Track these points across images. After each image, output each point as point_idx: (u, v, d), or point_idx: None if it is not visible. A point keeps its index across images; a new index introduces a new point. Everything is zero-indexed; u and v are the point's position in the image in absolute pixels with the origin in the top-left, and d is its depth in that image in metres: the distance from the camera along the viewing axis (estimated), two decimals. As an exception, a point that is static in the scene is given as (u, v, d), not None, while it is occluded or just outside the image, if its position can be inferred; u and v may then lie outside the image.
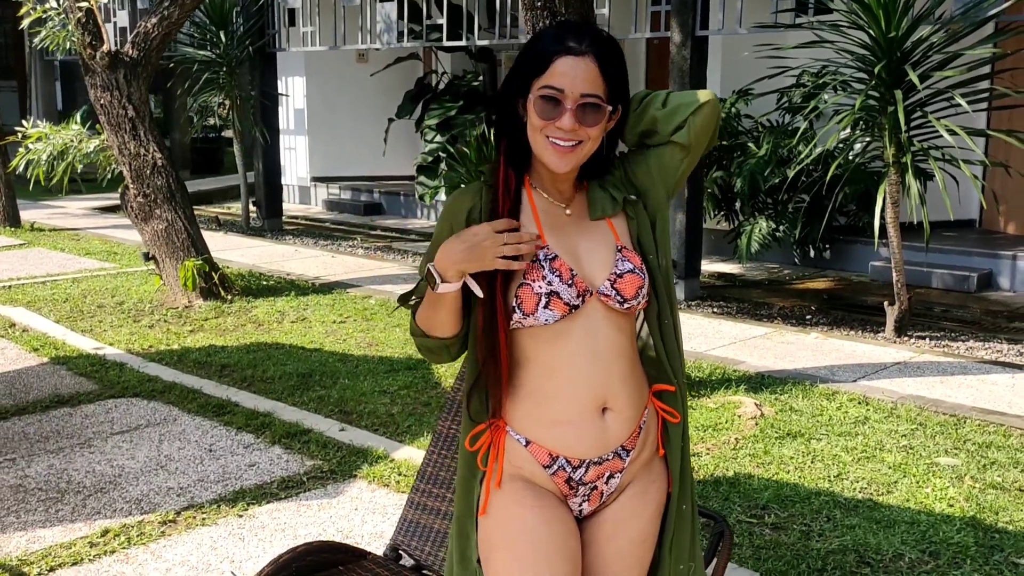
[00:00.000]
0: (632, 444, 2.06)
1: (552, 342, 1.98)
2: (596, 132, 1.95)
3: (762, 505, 3.97)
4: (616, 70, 1.96)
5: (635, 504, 2.08)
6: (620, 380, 2.01)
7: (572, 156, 1.96)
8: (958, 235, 9.39)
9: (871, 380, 5.60)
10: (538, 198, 2.05)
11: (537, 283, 1.94)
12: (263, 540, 3.74)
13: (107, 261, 9.54)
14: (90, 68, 7.60)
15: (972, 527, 3.79)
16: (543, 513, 2.00)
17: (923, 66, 6.49)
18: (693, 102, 2.05)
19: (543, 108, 1.93)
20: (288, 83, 13.82)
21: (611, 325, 2.01)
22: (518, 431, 2.03)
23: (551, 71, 1.92)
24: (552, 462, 2.01)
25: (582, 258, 2.01)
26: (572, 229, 2.04)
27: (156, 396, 5.39)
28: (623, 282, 1.98)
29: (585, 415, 1.99)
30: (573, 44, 1.92)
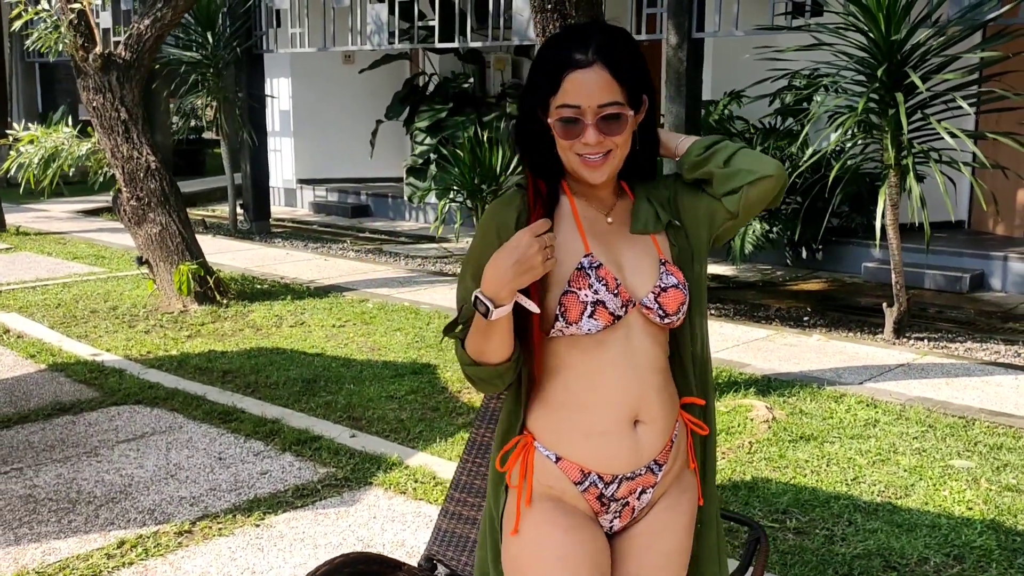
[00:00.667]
0: (664, 458, 2.03)
1: (589, 351, 1.94)
2: (623, 138, 1.91)
3: (782, 509, 3.96)
4: (630, 69, 1.89)
5: (668, 517, 2.05)
6: (654, 392, 1.98)
7: (606, 166, 1.93)
8: (948, 236, 9.45)
9: (877, 382, 5.61)
10: (580, 204, 2.01)
11: (583, 291, 1.90)
12: (282, 550, 3.69)
13: (96, 265, 9.43)
14: (82, 70, 7.51)
15: (993, 530, 3.79)
16: (575, 534, 1.96)
17: (922, 69, 6.51)
18: (755, 172, 1.98)
19: (564, 129, 1.90)
20: (274, 84, 13.72)
21: (648, 337, 1.98)
22: (547, 446, 1.98)
23: (563, 89, 1.88)
24: (583, 478, 1.97)
25: (625, 268, 1.98)
26: (614, 238, 2.00)
27: (159, 403, 5.33)
28: (666, 296, 1.95)
29: (619, 427, 1.96)
30: (579, 56, 1.86)
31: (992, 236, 9.72)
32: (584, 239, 1.96)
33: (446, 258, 10.12)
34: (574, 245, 1.95)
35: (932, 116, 6.50)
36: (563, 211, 1.99)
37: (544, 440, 1.99)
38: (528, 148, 2.00)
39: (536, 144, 1.98)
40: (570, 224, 1.98)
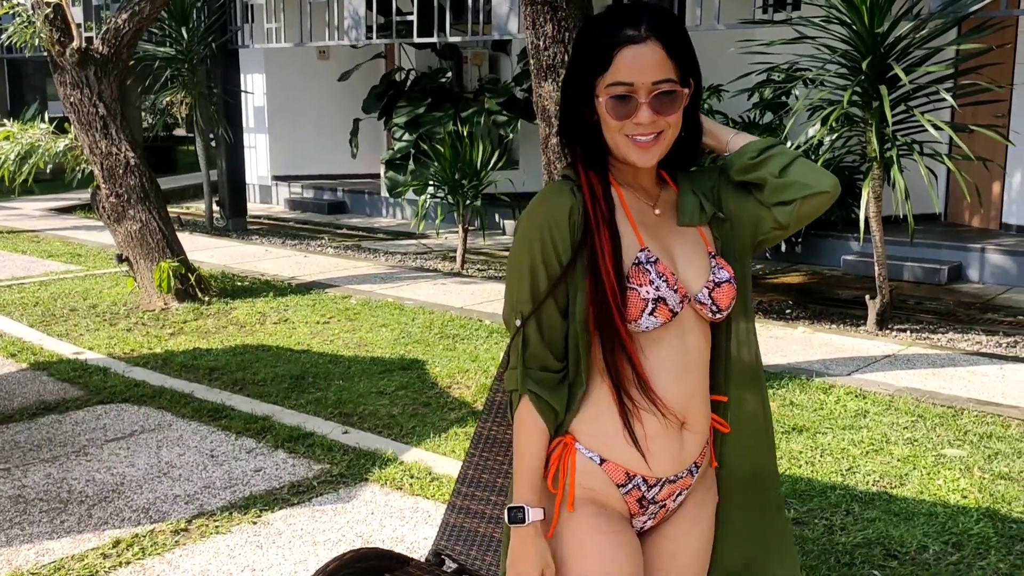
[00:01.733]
0: (701, 459, 1.99)
1: (645, 349, 1.87)
2: (676, 118, 1.83)
3: (781, 500, 3.97)
4: (683, 45, 1.82)
5: (695, 514, 2.02)
6: (702, 393, 1.93)
7: (656, 148, 1.84)
8: (925, 228, 9.53)
9: (864, 373, 5.65)
10: (628, 196, 1.93)
11: (644, 288, 1.82)
12: (281, 547, 3.66)
13: (72, 263, 9.31)
14: (59, 65, 7.41)
15: (989, 518, 3.82)
16: (617, 538, 1.91)
17: (905, 61, 6.56)
18: (811, 186, 1.91)
19: (616, 107, 1.81)
20: (248, 80, 13.61)
21: (701, 334, 1.92)
22: (591, 448, 1.90)
23: (615, 66, 1.80)
24: (628, 481, 1.91)
25: (678, 262, 1.90)
26: (664, 231, 1.93)
27: (146, 401, 5.26)
28: (720, 292, 1.89)
29: (668, 431, 1.89)
30: (631, 31, 1.79)
31: (968, 228, 9.82)
32: (637, 232, 1.88)
33: (426, 254, 10.09)
34: (628, 239, 1.87)
35: (915, 108, 6.54)
36: (616, 207, 1.90)
37: (587, 442, 1.90)
38: (576, 137, 1.92)
39: (585, 132, 1.90)
40: (623, 219, 1.89)
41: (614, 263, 1.84)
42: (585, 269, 1.86)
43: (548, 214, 1.87)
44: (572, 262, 1.86)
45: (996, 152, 9.26)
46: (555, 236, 1.85)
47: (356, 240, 11.06)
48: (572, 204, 1.87)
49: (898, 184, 6.35)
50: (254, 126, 13.91)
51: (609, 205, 1.89)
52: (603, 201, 1.89)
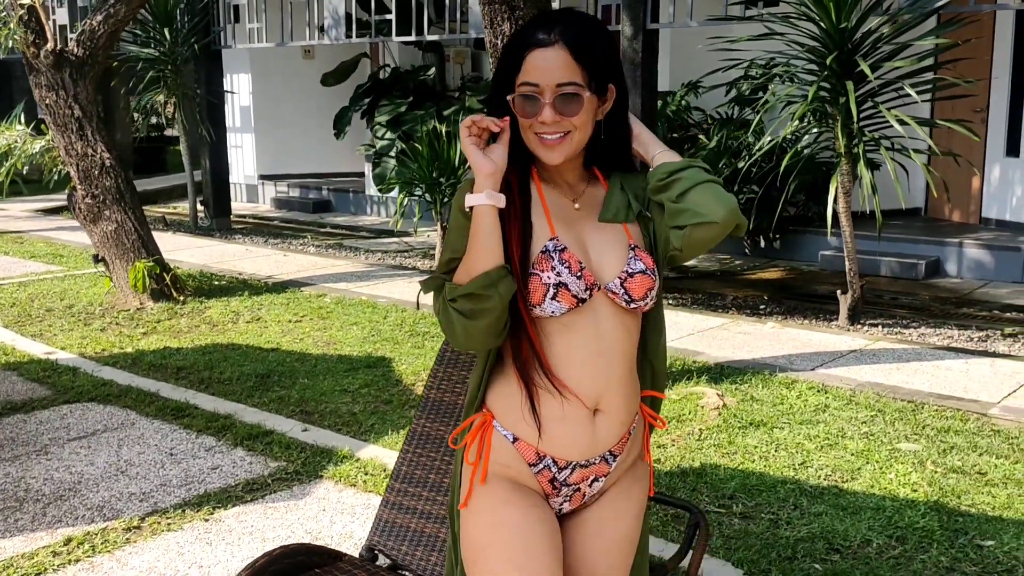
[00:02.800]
0: (620, 449, 2.05)
1: (556, 335, 1.95)
2: (581, 120, 1.91)
3: (729, 495, 4.00)
4: (594, 53, 1.90)
5: (619, 504, 2.08)
6: (617, 381, 1.99)
7: (562, 147, 1.93)
8: (904, 223, 9.56)
9: (829, 368, 5.67)
10: (547, 191, 2.02)
11: (546, 273, 1.91)
12: (231, 544, 3.68)
13: (53, 264, 9.35)
14: (34, 67, 7.44)
15: (936, 511, 3.85)
16: (531, 512, 1.97)
17: (873, 57, 6.58)
18: (701, 214, 1.94)
19: (523, 106, 1.92)
20: (233, 80, 13.64)
21: (618, 324, 1.98)
22: (506, 427, 2.00)
23: (525, 67, 1.90)
24: (538, 461, 1.99)
25: (591, 252, 1.98)
26: (583, 224, 2.01)
27: (112, 400, 5.29)
28: (633, 282, 1.96)
29: (578, 416, 1.96)
30: (542, 36, 1.89)
31: (948, 223, 9.84)
32: (550, 223, 1.96)
33: (406, 252, 10.11)
34: (541, 230, 1.96)
35: (882, 104, 6.56)
36: (532, 200, 2.00)
37: (503, 420, 2.00)
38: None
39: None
40: (538, 211, 1.98)
41: (520, 250, 1.93)
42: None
43: (459, 204, 1.97)
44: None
45: (975, 147, 9.29)
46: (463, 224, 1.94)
47: (339, 239, 11.09)
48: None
49: (864, 179, 6.37)
50: (240, 126, 13.94)
51: (524, 197, 1.99)
52: (517, 193, 1.98)
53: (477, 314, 1.88)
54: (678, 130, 9.28)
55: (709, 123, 9.34)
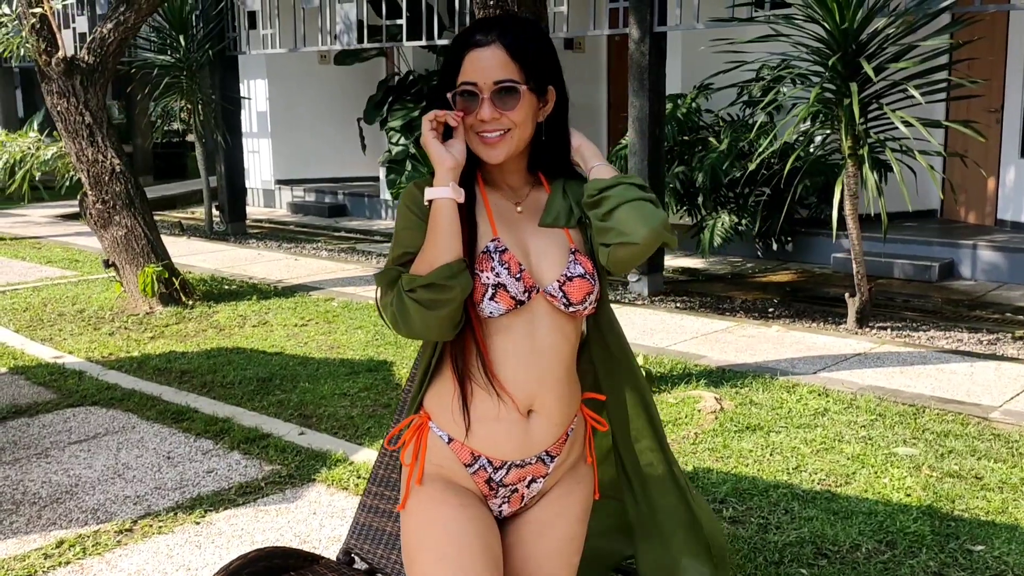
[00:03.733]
0: (558, 450, 2.06)
1: (493, 336, 1.97)
2: (520, 116, 1.94)
3: (720, 499, 3.98)
4: (530, 51, 1.94)
5: (561, 504, 2.09)
6: (553, 383, 2.00)
7: (502, 145, 1.96)
8: (919, 225, 9.48)
9: (831, 372, 5.63)
10: (491, 193, 2.04)
11: (485, 274, 1.93)
12: (220, 547, 3.71)
13: (69, 269, 9.44)
14: (46, 75, 7.52)
15: (928, 516, 3.81)
16: (465, 512, 1.99)
17: (879, 58, 6.53)
18: (624, 233, 1.93)
19: (463, 105, 1.95)
20: (250, 86, 13.74)
21: (554, 326, 2.00)
22: (441, 427, 2.02)
23: (464, 68, 1.94)
24: (473, 461, 2.00)
25: (532, 255, 2.00)
26: (524, 227, 2.03)
27: (115, 404, 5.34)
28: (572, 286, 1.97)
29: (512, 416, 1.98)
30: (479, 37, 1.93)
31: (963, 225, 9.75)
32: (492, 224, 1.99)
33: (419, 256, 10.12)
34: (483, 230, 1.98)
35: (889, 105, 6.51)
36: (476, 201, 2.03)
37: (439, 420, 2.02)
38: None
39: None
40: (482, 213, 2.01)
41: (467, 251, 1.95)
42: None
43: (414, 198, 2.01)
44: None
45: (990, 148, 9.20)
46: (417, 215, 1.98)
47: (352, 243, 11.14)
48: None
49: (869, 181, 6.33)
50: (257, 131, 14.03)
51: (468, 198, 2.00)
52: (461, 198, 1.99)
53: (438, 304, 1.89)
54: (688, 133, 9.25)
55: (719, 125, 9.30)
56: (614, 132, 12.14)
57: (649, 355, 5.88)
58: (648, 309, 7.39)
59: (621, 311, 7.27)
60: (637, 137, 7.95)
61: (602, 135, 12.66)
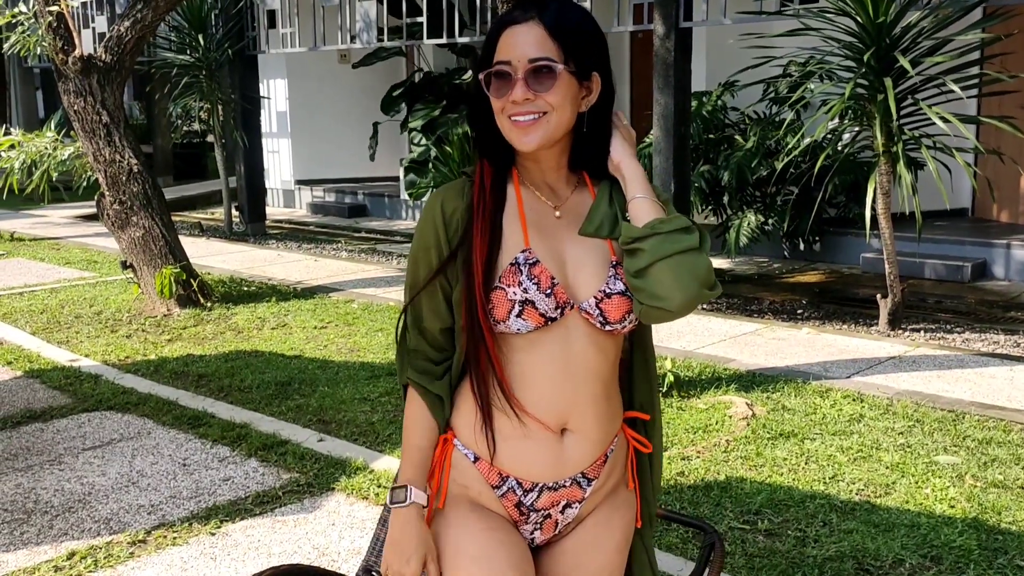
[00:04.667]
0: (595, 473, 1.89)
1: (521, 351, 1.82)
2: (557, 99, 1.75)
3: (755, 510, 3.82)
4: (571, 29, 1.77)
5: (598, 533, 1.92)
6: (589, 402, 1.84)
7: (536, 130, 1.76)
8: (950, 224, 9.27)
9: (865, 376, 5.46)
10: (527, 195, 1.87)
11: (512, 288, 1.77)
12: (236, 560, 3.58)
13: (87, 270, 9.37)
14: (63, 74, 7.43)
15: (975, 529, 3.64)
16: (494, 535, 1.83)
17: (913, 52, 6.35)
18: (658, 299, 1.74)
19: (496, 87, 1.78)
20: (270, 85, 13.65)
21: (591, 343, 1.83)
22: (468, 445, 1.86)
23: (499, 46, 1.78)
24: (502, 483, 1.85)
25: (568, 267, 1.83)
26: (562, 234, 1.85)
27: (130, 409, 5.23)
28: (610, 303, 1.80)
29: (543, 434, 1.83)
30: (518, 13, 1.77)
31: (996, 223, 9.53)
32: (525, 232, 1.82)
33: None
34: (514, 238, 1.82)
35: (923, 101, 6.33)
36: (508, 201, 1.86)
37: (465, 438, 1.87)
38: (479, 126, 1.87)
39: (485, 120, 1.85)
40: (512, 215, 1.84)
41: (485, 260, 1.80)
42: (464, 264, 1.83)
43: (434, 209, 1.86)
44: (452, 256, 1.83)
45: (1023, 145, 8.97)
46: (438, 231, 1.84)
47: (372, 243, 11.02)
48: (457, 200, 1.85)
49: (903, 179, 6.15)
50: (277, 131, 13.94)
51: (496, 202, 1.85)
52: (489, 198, 1.85)
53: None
54: (714, 131, 9.07)
55: (746, 123, 9.12)
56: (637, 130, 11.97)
57: (677, 359, 5.73)
58: (674, 311, 7.21)
59: (647, 313, 7.11)
60: (662, 135, 7.79)
61: (625, 133, 12.50)
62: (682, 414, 4.86)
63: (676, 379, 5.11)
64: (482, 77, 1.79)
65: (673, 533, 3.64)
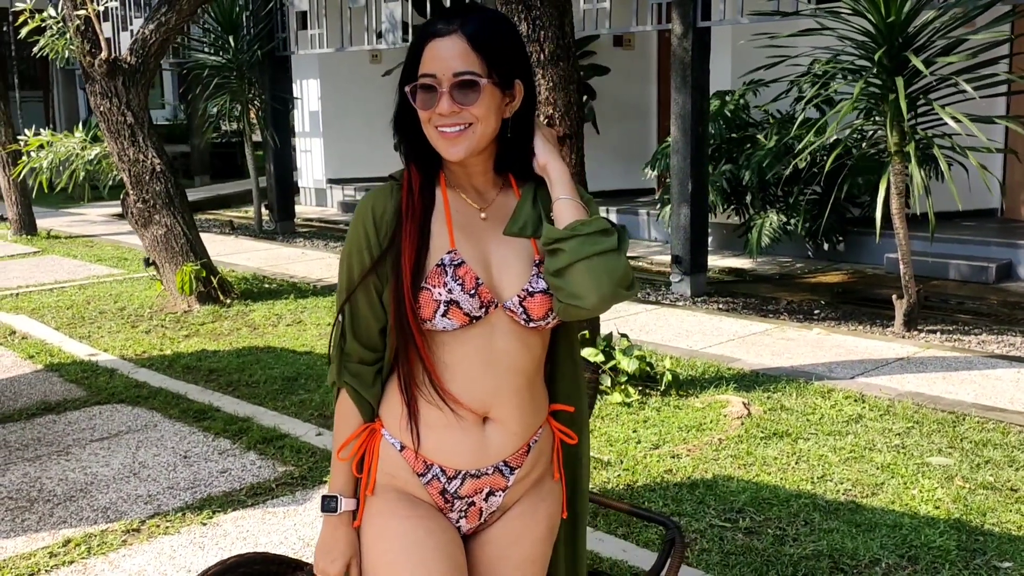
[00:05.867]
0: (518, 462, 1.95)
1: (446, 345, 1.88)
2: (482, 111, 1.81)
3: (738, 508, 3.83)
4: (494, 43, 1.82)
5: (523, 523, 1.98)
6: (510, 394, 1.90)
7: (462, 140, 1.83)
8: (976, 224, 9.16)
9: (870, 377, 5.43)
10: (453, 198, 1.93)
11: (437, 289, 1.83)
12: (223, 549, 3.67)
13: (116, 267, 9.56)
14: (90, 76, 7.60)
15: (956, 529, 3.63)
16: (422, 523, 1.89)
17: (927, 51, 6.30)
18: (575, 297, 1.80)
19: (422, 99, 1.83)
20: (302, 85, 13.81)
21: (515, 339, 1.89)
22: (393, 435, 1.93)
23: (423, 59, 1.83)
24: (426, 470, 1.91)
25: (493, 266, 1.89)
26: (488, 235, 1.91)
27: (140, 402, 5.35)
28: (533, 301, 1.86)
29: (463, 422, 1.89)
30: (441, 26, 1.82)
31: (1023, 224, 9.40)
32: (451, 234, 1.89)
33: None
34: (440, 240, 1.88)
35: (937, 100, 6.28)
36: (436, 204, 1.92)
37: (391, 428, 1.93)
38: (404, 132, 1.93)
39: (412, 127, 1.91)
40: (439, 218, 1.90)
41: (413, 262, 1.86)
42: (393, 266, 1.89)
43: (365, 212, 1.92)
44: (381, 258, 1.89)
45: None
46: (368, 233, 1.90)
47: (399, 242, 11.10)
48: (387, 203, 1.91)
49: (915, 179, 6.10)
50: (309, 130, 14.10)
51: (425, 205, 1.91)
52: (418, 200, 1.91)
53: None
54: (736, 130, 9.04)
55: (770, 123, 9.08)
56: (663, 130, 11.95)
57: (681, 358, 5.74)
58: (687, 311, 7.22)
59: (659, 312, 7.13)
60: (680, 135, 7.79)
61: (652, 133, 12.49)
62: (678, 412, 4.88)
63: (674, 378, 5.12)
64: (408, 89, 1.85)
65: (652, 530, 3.67)
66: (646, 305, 7.38)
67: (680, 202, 7.88)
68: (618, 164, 11.84)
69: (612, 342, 5.17)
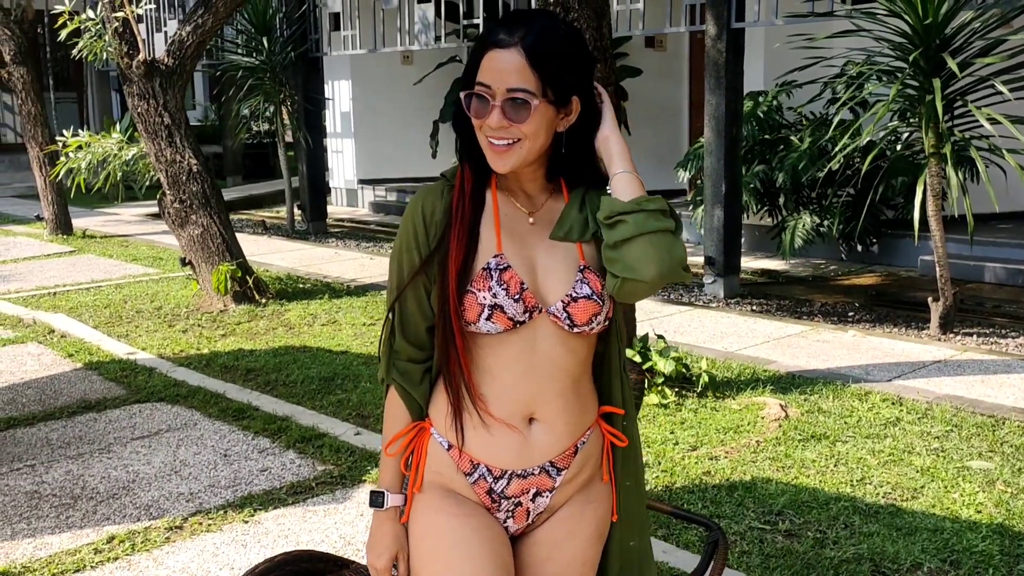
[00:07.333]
0: (565, 463, 1.96)
1: (489, 347, 1.90)
2: (531, 128, 1.82)
3: (777, 511, 3.83)
4: (553, 61, 1.80)
5: (570, 525, 1.99)
6: (555, 394, 1.91)
7: (509, 155, 1.84)
8: (1014, 227, 9.08)
9: (907, 379, 5.40)
10: (503, 201, 1.95)
11: (482, 293, 1.85)
12: (265, 547, 3.70)
13: (152, 267, 9.66)
14: (127, 77, 7.69)
15: (999, 534, 3.61)
16: (469, 521, 1.92)
17: (964, 53, 6.26)
18: (633, 269, 1.82)
19: (475, 107, 1.85)
20: (335, 87, 13.88)
21: (558, 343, 1.91)
22: (441, 433, 1.95)
23: (482, 66, 1.83)
24: (473, 469, 1.93)
25: (538, 271, 1.91)
26: (534, 240, 1.93)
27: (180, 401, 5.41)
28: (576, 307, 1.88)
29: (509, 422, 1.91)
30: (503, 36, 1.80)
31: (1063, 227, 9.30)
32: (499, 238, 1.90)
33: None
34: (488, 243, 1.90)
35: (974, 102, 6.24)
36: (485, 207, 1.95)
37: (440, 427, 1.96)
38: (462, 131, 1.94)
39: (469, 127, 1.91)
40: (488, 221, 1.92)
41: (459, 265, 1.88)
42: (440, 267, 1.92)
43: (415, 211, 1.94)
44: (429, 258, 1.91)
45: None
46: (418, 232, 1.92)
47: (430, 243, 11.14)
48: (436, 204, 1.94)
49: (952, 181, 6.06)
50: (341, 131, 14.17)
51: (475, 207, 1.93)
52: (468, 203, 1.93)
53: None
54: (769, 131, 9.01)
55: (803, 124, 9.04)
56: (695, 131, 11.93)
57: (716, 359, 5.73)
58: (721, 312, 7.21)
59: (693, 314, 7.12)
60: (713, 136, 7.78)
61: (683, 134, 12.47)
62: (715, 415, 4.87)
63: (711, 380, 5.12)
64: (463, 96, 1.86)
65: (692, 531, 3.68)
66: (679, 306, 7.37)
67: (714, 203, 7.86)
68: (649, 165, 11.81)
69: (648, 343, 5.18)
